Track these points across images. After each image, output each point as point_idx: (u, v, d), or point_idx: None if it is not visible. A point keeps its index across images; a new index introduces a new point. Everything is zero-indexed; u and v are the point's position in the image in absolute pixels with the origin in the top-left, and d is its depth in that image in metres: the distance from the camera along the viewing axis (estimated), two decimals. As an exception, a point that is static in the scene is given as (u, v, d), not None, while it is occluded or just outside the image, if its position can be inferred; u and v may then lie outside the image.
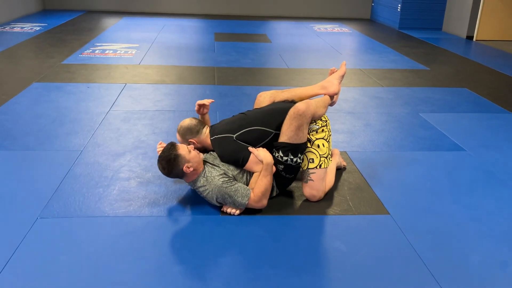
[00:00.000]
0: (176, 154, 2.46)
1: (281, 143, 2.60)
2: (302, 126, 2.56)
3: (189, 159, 2.48)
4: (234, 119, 2.81)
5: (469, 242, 2.38)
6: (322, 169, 2.67)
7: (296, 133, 2.55)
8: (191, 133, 2.76)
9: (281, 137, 2.60)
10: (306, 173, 2.68)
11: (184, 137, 2.78)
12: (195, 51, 6.66)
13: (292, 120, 2.55)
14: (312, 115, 2.62)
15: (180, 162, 2.46)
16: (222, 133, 2.69)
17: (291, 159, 2.59)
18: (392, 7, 9.70)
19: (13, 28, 7.90)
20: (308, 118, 2.58)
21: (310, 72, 5.73)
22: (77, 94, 4.52)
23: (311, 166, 2.66)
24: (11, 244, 2.22)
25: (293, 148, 2.58)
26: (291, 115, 2.56)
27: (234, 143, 2.61)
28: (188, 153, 2.49)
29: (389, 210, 2.64)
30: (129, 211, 2.55)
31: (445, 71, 6.04)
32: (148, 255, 2.19)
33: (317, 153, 2.67)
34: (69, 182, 2.83)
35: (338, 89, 2.93)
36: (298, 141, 2.57)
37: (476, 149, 3.54)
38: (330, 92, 2.91)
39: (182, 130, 2.78)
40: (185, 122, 2.80)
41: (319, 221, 2.54)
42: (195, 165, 2.51)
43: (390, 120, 4.10)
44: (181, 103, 4.38)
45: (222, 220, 2.50)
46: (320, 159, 2.67)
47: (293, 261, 2.18)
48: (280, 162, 2.60)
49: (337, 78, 2.97)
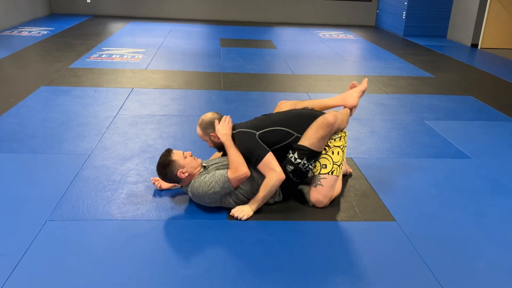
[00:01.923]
0: (170, 160, 2.56)
1: (301, 145, 2.65)
2: (326, 136, 2.66)
3: (184, 164, 2.56)
4: (258, 118, 2.86)
5: (475, 249, 2.39)
6: (333, 176, 2.71)
7: (318, 141, 2.64)
8: (213, 127, 2.73)
9: (303, 141, 2.66)
10: (316, 178, 2.71)
11: (205, 131, 2.75)
12: (201, 57, 6.71)
13: (319, 129, 2.63)
14: (338, 127, 2.73)
15: (174, 167, 2.55)
16: (245, 128, 2.70)
17: (303, 163, 2.64)
18: (397, 15, 9.74)
19: (21, 32, 7.97)
20: (334, 130, 2.70)
21: (315, 78, 5.76)
22: (84, 98, 4.56)
23: (323, 172, 2.70)
24: (21, 246, 2.25)
25: (311, 154, 2.64)
26: (319, 123, 2.64)
27: (255, 140, 2.63)
28: (182, 159, 2.57)
29: (395, 217, 2.66)
30: (137, 214, 2.57)
31: (450, 78, 6.06)
32: (156, 259, 2.21)
33: (331, 159, 2.72)
34: (78, 185, 2.86)
35: (357, 103, 2.99)
36: (317, 149, 2.66)
37: (481, 156, 3.55)
38: (348, 105, 2.97)
39: (203, 124, 2.75)
40: (207, 116, 2.77)
41: (325, 227, 2.56)
42: (190, 170, 2.58)
43: (395, 127, 4.12)
44: (187, 108, 4.41)
45: (229, 224, 2.52)
46: (333, 166, 2.71)
47: (300, 266, 2.20)
48: (292, 163, 2.65)
49: (358, 92, 3.02)
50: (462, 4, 8.88)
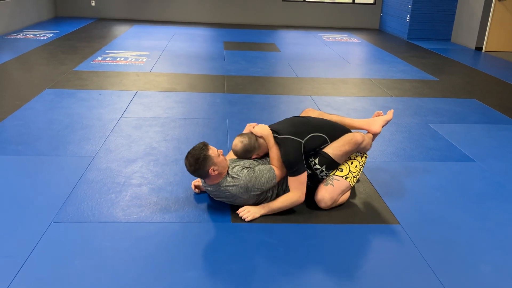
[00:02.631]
0: (206, 155, 2.48)
1: (324, 152, 2.72)
2: (350, 152, 2.76)
3: (217, 162, 2.51)
4: (296, 122, 2.86)
5: (480, 253, 2.39)
6: (346, 182, 2.75)
7: (341, 155, 2.73)
8: (250, 151, 2.73)
9: (327, 149, 2.74)
10: (330, 178, 2.74)
11: (246, 156, 2.75)
12: (205, 60, 6.72)
13: (346, 143, 2.72)
14: (363, 148, 2.81)
15: (208, 163, 2.49)
16: (290, 135, 2.70)
17: (321, 170, 2.71)
18: (401, 18, 9.74)
19: (26, 35, 8.01)
20: (359, 149, 2.80)
21: (319, 81, 5.77)
22: (89, 100, 4.58)
23: (338, 174, 2.75)
24: (26, 248, 2.26)
25: (331, 163, 2.72)
26: (348, 139, 2.74)
27: (300, 152, 2.64)
28: (217, 157, 2.52)
29: (400, 220, 2.65)
30: (141, 217, 2.58)
31: (454, 81, 6.05)
32: (160, 261, 2.21)
33: (349, 168, 2.79)
34: (82, 187, 2.87)
35: (380, 130, 3.08)
36: (338, 160, 2.75)
37: (485, 160, 3.54)
38: (372, 131, 3.05)
39: (241, 153, 2.72)
40: (237, 146, 2.71)
41: (329, 230, 2.55)
42: (220, 169, 2.55)
43: (399, 130, 4.11)
44: (192, 111, 4.42)
45: (233, 227, 2.52)
46: (349, 173, 2.77)
47: (304, 269, 2.20)
48: (310, 167, 2.72)
49: (383, 122, 3.10)
50: (467, 7, 8.87)
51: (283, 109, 4.60)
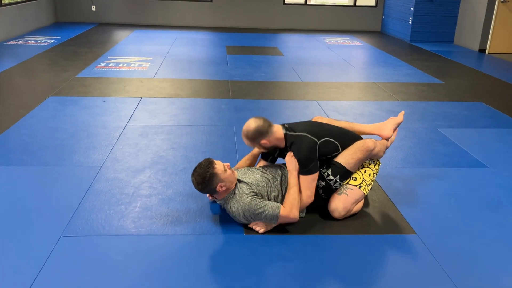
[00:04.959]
0: (212, 173, 2.44)
1: (337, 162, 2.67)
2: (362, 160, 2.70)
3: (224, 178, 2.46)
4: (312, 124, 2.82)
5: (499, 263, 2.33)
6: (360, 191, 2.69)
7: (354, 163, 2.67)
8: (262, 134, 2.62)
9: (339, 158, 2.68)
10: (343, 187, 2.69)
11: (254, 140, 2.64)
12: (208, 65, 6.68)
13: (358, 151, 2.66)
14: (375, 155, 2.76)
15: (214, 181, 2.44)
16: (306, 133, 2.64)
17: (335, 181, 2.65)
18: (404, 20, 9.70)
19: (27, 41, 7.96)
20: (371, 156, 2.75)
21: (323, 85, 5.72)
22: (93, 108, 4.52)
23: (352, 183, 2.69)
24: (36, 263, 2.20)
25: (344, 172, 2.66)
26: (359, 146, 2.68)
27: (314, 152, 2.58)
28: (223, 172, 2.47)
29: (415, 229, 2.60)
30: (153, 229, 2.52)
31: (459, 84, 6.01)
32: (173, 275, 2.16)
33: (362, 176, 2.73)
34: (90, 199, 2.81)
35: (391, 134, 2.99)
36: (351, 169, 2.69)
37: (498, 165, 3.49)
38: (383, 135, 2.97)
39: (251, 134, 2.62)
40: (251, 125, 2.61)
41: (345, 241, 2.50)
42: (228, 184, 2.50)
43: (408, 136, 4.06)
44: (197, 118, 4.37)
45: (247, 239, 2.47)
46: (362, 181, 2.71)
47: (320, 282, 2.14)
48: (324, 179, 2.66)
49: (393, 125, 3.02)
50: (469, 9, 8.84)
51: (289, 115, 4.55)
